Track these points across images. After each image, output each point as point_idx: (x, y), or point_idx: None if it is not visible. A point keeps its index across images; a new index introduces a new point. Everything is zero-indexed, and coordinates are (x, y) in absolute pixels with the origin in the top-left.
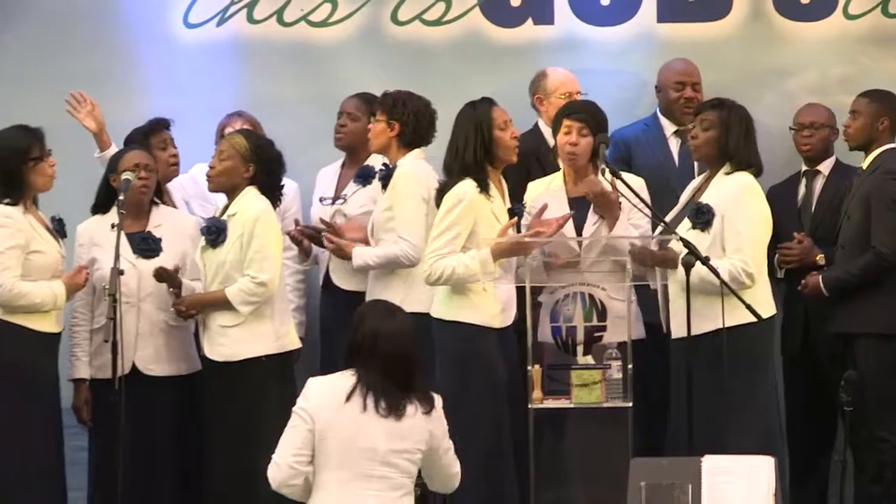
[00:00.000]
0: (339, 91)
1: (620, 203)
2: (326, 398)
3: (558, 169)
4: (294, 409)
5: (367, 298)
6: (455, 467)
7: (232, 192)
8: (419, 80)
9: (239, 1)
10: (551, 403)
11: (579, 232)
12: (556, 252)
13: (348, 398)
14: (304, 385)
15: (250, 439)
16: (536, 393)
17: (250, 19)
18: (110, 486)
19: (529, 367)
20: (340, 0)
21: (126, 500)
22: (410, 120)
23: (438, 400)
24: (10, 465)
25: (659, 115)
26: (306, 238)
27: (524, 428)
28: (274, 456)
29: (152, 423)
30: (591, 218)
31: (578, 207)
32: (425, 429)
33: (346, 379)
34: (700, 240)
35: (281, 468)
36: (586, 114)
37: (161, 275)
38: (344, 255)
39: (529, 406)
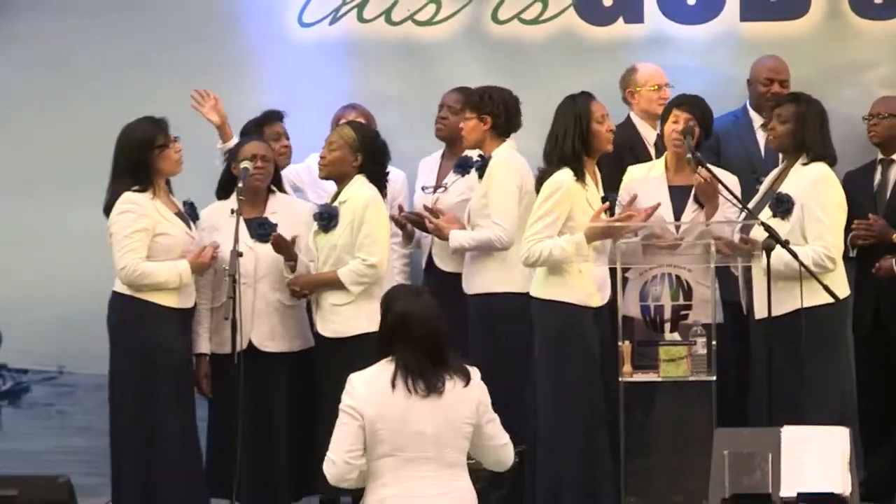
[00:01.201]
0: (443, 86)
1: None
2: (371, 391)
3: (650, 159)
4: (341, 406)
5: (464, 280)
6: (503, 439)
7: (341, 181)
8: (517, 76)
9: (350, 1)
10: (640, 377)
11: (678, 218)
12: (658, 234)
13: (393, 386)
14: None
15: None
16: (627, 367)
17: (360, 18)
18: (228, 455)
19: (620, 343)
20: (444, 0)
21: (243, 469)
22: (500, 111)
23: (476, 372)
24: (148, 431)
25: (749, 107)
26: (409, 223)
27: (616, 400)
28: (328, 453)
29: (268, 396)
30: (691, 206)
31: (679, 195)
32: (468, 401)
33: (386, 368)
34: (780, 227)
35: (336, 465)
36: (693, 105)
37: (278, 243)
38: (442, 236)
39: (620, 380)
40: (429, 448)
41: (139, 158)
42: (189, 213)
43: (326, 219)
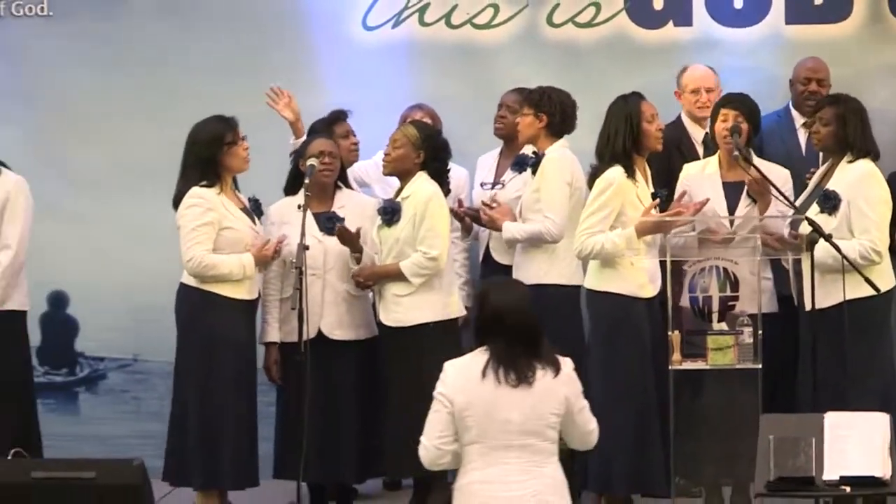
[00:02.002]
0: (500, 87)
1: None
2: (462, 379)
3: (698, 158)
4: (434, 393)
5: (514, 271)
6: (591, 425)
7: (404, 177)
8: (571, 77)
9: (412, 6)
10: (689, 365)
11: (732, 213)
12: (713, 229)
13: (483, 375)
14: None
15: (420, 397)
16: (676, 356)
17: (422, 22)
18: (296, 438)
19: (670, 333)
20: (502, 4)
21: (311, 451)
22: (557, 111)
23: (567, 363)
24: (211, 416)
25: (791, 107)
26: (468, 217)
27: (666, 387)
28: (422, 438)
29: (335, 382)
30: (744, 201)
31: (732, 191)
32: (558, 392)
33: (479, 357)
34: (828, 223)
35: (428, 450)
36: (741, 104)
37: (343, 234)
38: (495, 228)
39: (670, 367)
40: (515, 436)
41: (208, 155)
42: (254, 209)
43: (390, 213)
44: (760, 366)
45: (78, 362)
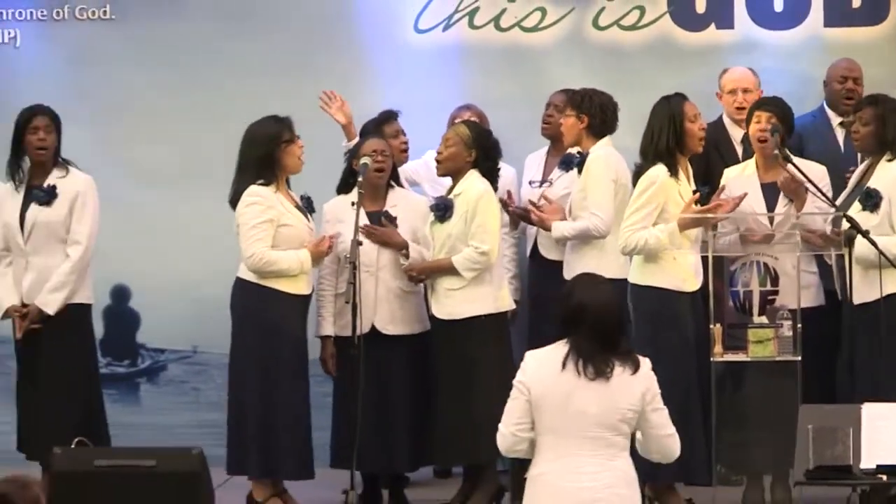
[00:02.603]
0: (547, 88)
1: (807, 189)
2: (541, 369)
3: (737, 157)
4: (514, 381)
5: (565, 267)
6: (669, 429)
7: (456, 175)
8: (616, 78)
9: (462, 9)
10: (731, 357)
11: (771, 212)
12: (753, 228)
13: (563, 366)
14: (519, 342)
15: (470, 388)
16: (718, 348)
17: (471, 25)
18: (350, 428)
19: (712, 326)
20: (549, 8)
21: (364, 441)
22: (597, 112)
23: (646, 362)
24: (267, 407)
25: (825, 107)
26: (517, 216)
27: (708, 379)
28: (500, 426)
29: (388, 376)
30: (782, 200)
31: (770, 191)
32: (635, 388)
33: (560, 348)
34: (869, 220)
35: (505, 437)
36: (774, 106)
37: (370, 233)
38: (545, 227)
39: (712, 360)
40: (590, 428)
41: (265, 153)
42: (306, 206)
43: (442, 210)
44: (800, 358)
45: (139, 354)
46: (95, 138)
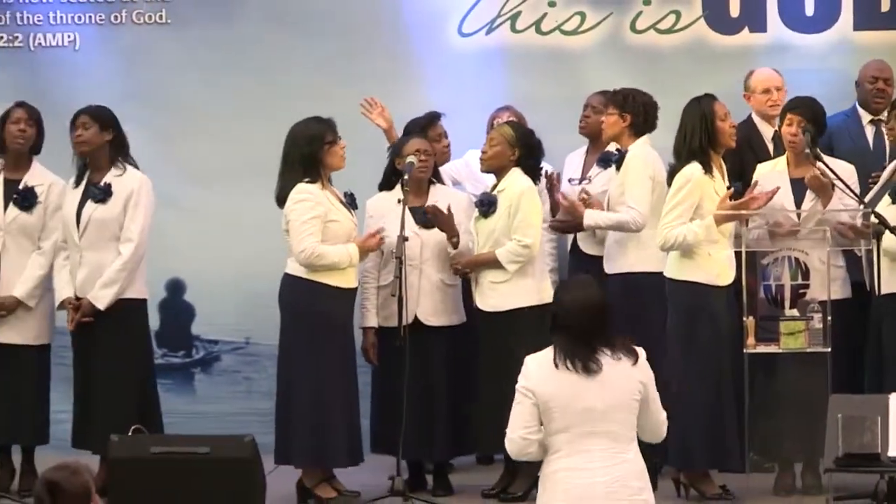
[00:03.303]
0: (587, 89)
1: (833, 186)
2: (542, 372)
3: (769, 154)
4: (517, 387)
5: (605, 261)
6: (663, 415)
7: (500, 172)
8: (652, 80)
9: (505, 14)
10: (763, 349)
11: (798, 208)
12: (780, 222)
13: (556, 366)
14: None
15: (514, 378)
16: (751, 340)
17: (513, 29)
18: (392, 416)
19: (745, 319)
20: (588, 12)
21: (406, 428)
22: (640, 111)
23: (641, 351)
24: (317, 397)
25: (857, 106)
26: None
27: (741, 369)
28: (507, 431)
29: (429, 365)
30: (809, 196)
31: (799, 188)
32: (634, 379)
33: (552, 351)
34: None
35: (514, 442)
36: (806, 107)
37: (434, 212)
38: (576, 215)
39: (745, 351)
40: (598, 423)
41: (309, 153)
42: (350, 202)
43: (486, 205)
44: (829, 349)
45: (194, 345)
46: (151, 137)
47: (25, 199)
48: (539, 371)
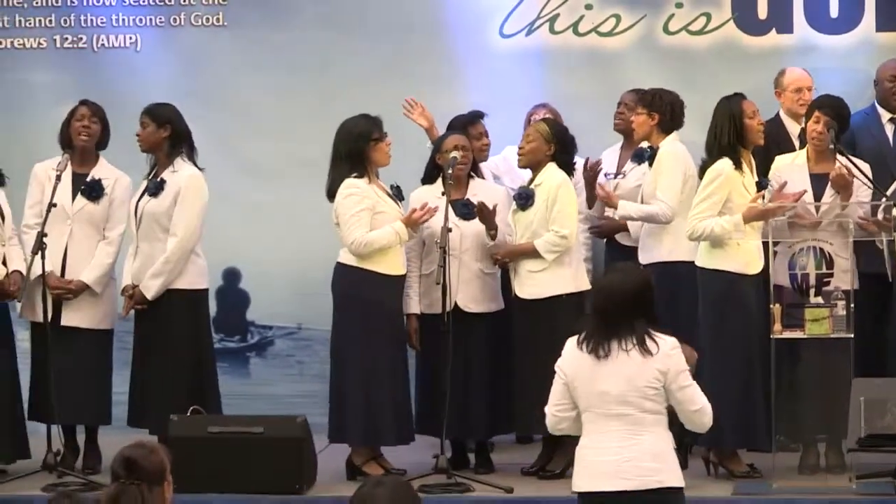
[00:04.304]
0: (622, 87)
1: (853, 182)
2: (573, 353)
3: (794, 150)
4: (555, 366)
5: (640, 250)
6: (694, 405)
7: (537, 167)
8: (684, 79)
9: (543, 16)
10: (789, 334)
11: (818, 201)
12: (801, 214)
13: (580, 348)
14: None
15: (550, 362)
16: (777, 326)
17: (552, 31)
18: (433, 398)
19: (771, 306)
20: (623, 15)
21: (450, 409)
22: (667, 110)
23: (667, 342)
24: (368, 380)
25: (876, 105)
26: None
27: (768, 353)
28: (546, 407)
29: (469, 350)
30: (829, 191)
31: (818, 182)
32: (651, 368)
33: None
34: None
35: (548, 416)
36: (831, 107)
37: (482, 210)
38: (611, 204)
39: (771, 337)
40: (613, 406)
41: (357, 149)
42: (396, 195)
43: (524, 198)
44: (852, 335)
45: (249, 330)
46: (208, 135)
47: (93, 191)
48: (569, 352)
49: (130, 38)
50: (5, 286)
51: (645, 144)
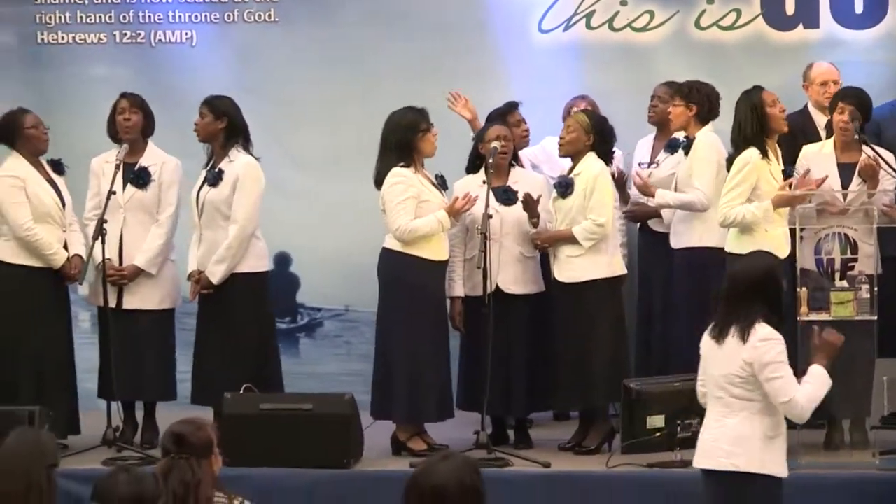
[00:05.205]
0: (655, 81)
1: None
2: (707, 335)
3: (820, 140)
4: None
5: (672, 236)
6: (780, 397)
7: (576, 157)
8: (714, 72)
9: (580, 12)
10: (815, 317)
11: (845, 189)
12: (830, 202)
13: (710, 331)
14: (629, 302)
15: (587, 342)
16: (804, 309)
17: (588, 26)
18: (477, 376)
19: (798, 289)
20: (657, 11)
21: (491, 387)
22: (704, 101)
23: (759, 333)
24: (412, 359)
25: None
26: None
27: (794, 335)
28: None
29: (510, 330)
30: (856, 179)
31: (845, 171)
32: (739, 358)
33: None
34: None
35: (697, 392)
36: (855, 97)
37: (527, 201)
38: (647, 193)
39: (798, 319)
40: (715, 389)
41: (404, 139)
42: (440, 184)
43: (564, 187)
44: (876, 317)
45: (299, 312)
46: (261, 127)
47: (140, 178)
48: (707, 333)
49: (186, 33)
50: (66, 270)
51: (680, 135)
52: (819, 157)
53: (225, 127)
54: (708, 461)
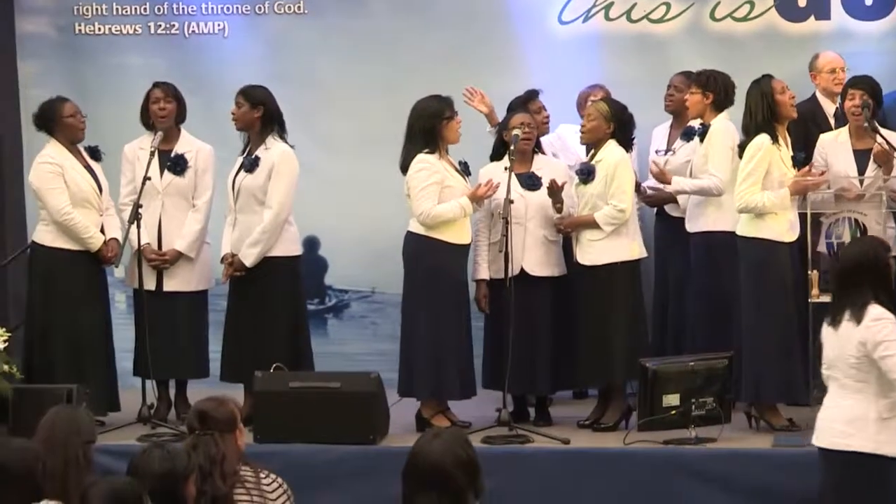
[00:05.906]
0: (671, 71)
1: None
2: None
3: (831, 128)
4: None
5: (687, 221)
6: (895, 373)
7: (597, 144)
8: (729, 62)
9: (599, 4)
10: (825, 298)
11: (861, 175)
12: (847, 188)
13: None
14: (647, 285)
15: (608, 322)
16: (815, 291)
17: (607, 17)
18: (499, 355)
19: (810, 272)
20: (673, 2)
21: (513, 366)
22: (720, 90)
23: (871, 314)
24: (435, 339)
25: None
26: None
27: (807, 316)
28: None
29: (534, 311)
30: (872, 165)
31: (861, 157)
32: (854, 339)
33: None
34: None
35: (822, 375)
36: (865, 84)
37: (552, 188)
38: (664, 180)
39: (809, 300)
40: (830, 370)
41: (429, 127)
42: (464, 170)
43: (586, 173)
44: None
45: (327, 294)
46: (291, 114)
47: (177, 165)
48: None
49: (218, 25)
50: (104, 253)
51: (696, 123)
52: (835, 145)
53: (261, 115)
54: (824, 440)
